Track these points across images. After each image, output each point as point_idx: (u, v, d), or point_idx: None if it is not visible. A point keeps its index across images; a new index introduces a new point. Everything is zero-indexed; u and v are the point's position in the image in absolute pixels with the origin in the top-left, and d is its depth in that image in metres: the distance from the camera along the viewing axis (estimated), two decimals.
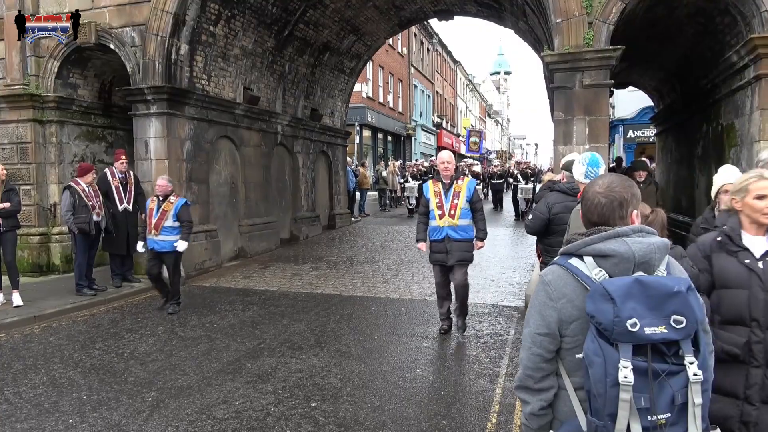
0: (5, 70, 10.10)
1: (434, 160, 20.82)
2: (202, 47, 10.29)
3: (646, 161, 8.42)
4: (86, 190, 8.09)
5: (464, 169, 21.93)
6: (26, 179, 9.92)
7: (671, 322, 1.53)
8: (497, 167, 23.09)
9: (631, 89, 16.44)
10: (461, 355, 5.68)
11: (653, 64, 11.76)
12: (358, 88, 21.81)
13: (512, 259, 11.24)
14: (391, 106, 31.86)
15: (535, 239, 6.30)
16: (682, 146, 11.65)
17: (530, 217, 5.02)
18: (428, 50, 39.72)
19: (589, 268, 1.66)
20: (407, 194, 20.09)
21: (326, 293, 8.53)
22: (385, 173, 21.68)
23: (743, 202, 2.69)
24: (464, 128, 45.96)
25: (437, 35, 40.52)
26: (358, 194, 19.53)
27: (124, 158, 8.80)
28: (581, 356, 1.62)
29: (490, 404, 4.51)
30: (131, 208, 8.79)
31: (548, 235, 4.85)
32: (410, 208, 19.39)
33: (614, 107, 21.02)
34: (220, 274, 10.16)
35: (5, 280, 7.59)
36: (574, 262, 1.71)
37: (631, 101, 20.63)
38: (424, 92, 38.68)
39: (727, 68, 7.86)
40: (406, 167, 23.40)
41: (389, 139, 33.19)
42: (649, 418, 1.52)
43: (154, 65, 9.44)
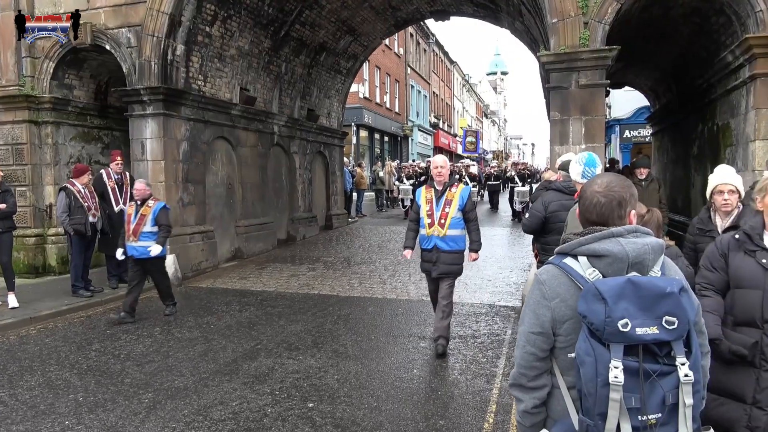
0: (0, 71, 10.06)
1: (431, 160, 20.27)
2: (198, 48, 10.27)
3: (648, 158, 8.26)
4: (82, 191, 8.08)
5: (461, 170, 21.92)
6: (22, 180, 9.89)
7: (663, 322, 1.53)
8: (494, 168, 23.04)
9: (627, 89, 16.47)
10: (458, 355, 5.68)
11: (649, 64, 11.79)
12: (354, 88, 21.82)
13: (509, 259, 11.25)
14: (387, 106, 31.88)
15: (531, 239, 6.33)
16: (678, 146, 11.68)
17: (527, 215, 5.06)
18: (425, 50, 39.75)
19: (583, 267, 1.67)
20: (401, 197, 19.38)
21: (323, 294, 8.52)
22: (382, 174, 21.69)
23: (764, 201, 2.66)
24: (461, 128, 46.03)
25: (434, 35, 40.56)
26: (355, 195, 19.51)
27: (119, 159, 8.79)
28: (574, 355, 1.63)
29: (487, 404, 4.52)
30: (127, 209, 8.75)
31: (545, 233, 4.88)
32: (406, 209, 18.64)
33: (610, 107, 21.06)
34: (216, 275, 10.14)
35: (1, 281, 7.57)
36: (568, 261, 1.71)
37: (627, 101, 20.67)
38: (420, 92, 38.71)
39: (722, 68, 7.89)
40: (401, 168, 22.85)
41: (386, 139, 33.20)
42: (639, 418, 1.53)
43: (150, 66, 9.42)
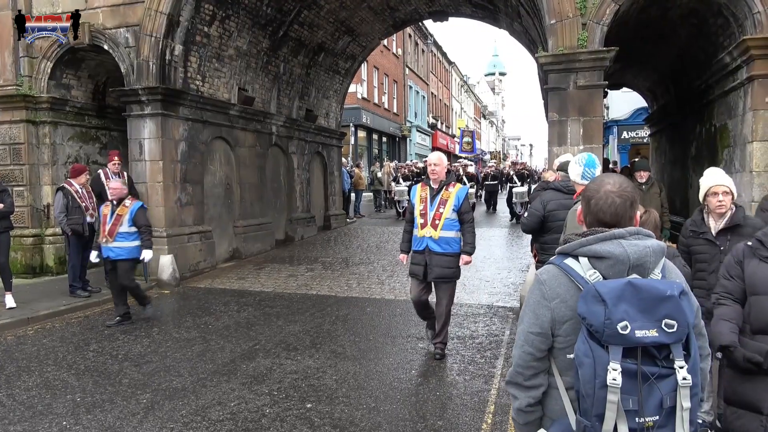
0: None
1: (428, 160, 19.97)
2: (196, 48, 10.26)
3: (646, 161, 7.86)
4: (79, 191, 8.06)
5: (458, 169, 21.87)
6: (19, 180, 9.87)
7: (663, 325, 1.53)
8: (491, 168, 22.91)
9: (625, 90, 16.51)
10: (456, 356, 5.68)
11: (647, 65, 11.82)
12: (353, 89, 21.80)
13: (507, 259, 11.26)
14: (386, 107, 31.88)
15: (529, 240, 6.33)
16: (675, 147, 11.70)
17: (526, 215, 5.06)
18: (423, 51, 39.77)
19: (583, 268, 1.66)
20: (397, 198, 18.61)
21: (321, 294, 8.52)
22: (380, 174, 21.67)
23: None
24: (459, 129, 46.08)
25: (432, 36, 40.58)
26: (353, 195, 19.51)
27: (117, 159, 8.76)
28: (572, 356, 1.63)
29: (485, 405, 4.52)
30: None
31: (543, 232, 4.89)
32: (400, 211, 18.03)
33: (608, 108, 21.10)
34: (214, 275, 10.13)
35: None
36: (569, 262, 1.71)
37: (625, 102, 20.73)
38: (419, 93, 38.73)
39: (720, 69, 7.91)
40: (398, 168, 22.45)
41: (384, 140, 33.20)
42: (637, 420, 1.53)
43: (148, 66, 9.41)
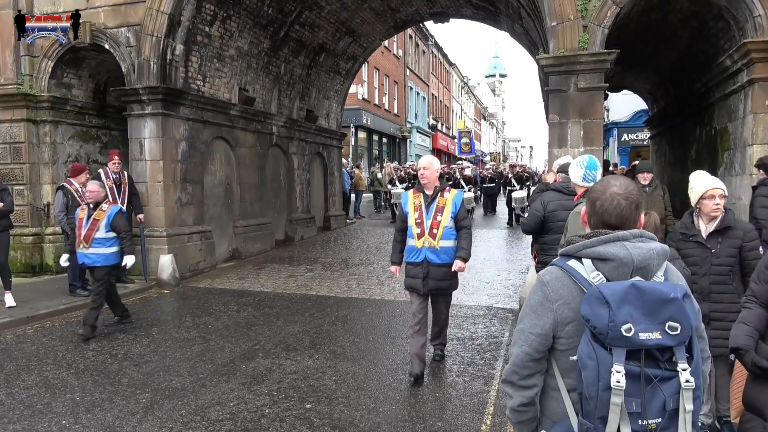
0: None
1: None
2: (197, 48, 10.27)
3: (650, 162, 7.48)
4: (80, 190, 8.07)
5: (455, 171, 21.64)
6: (19, 179, 9.87)
7: (666, 328, 1.53)
8: (489, 170, 22.58)
9: (625, 92, 16.53)
10: (456, 357, 5.68)
11: (647, 67, 11.83)
12: (353, 89, 21.82)
13: (507, 261, 11.26)
14: (386, 107, 31.89)
15: (530, 241, 6.32)
16: (676, 149, 11.72)
17: (526, 215, 5.05)
18: (424, 52, 39.79)
19: (587, 270, 1.66)
20: (393, 201, 17.49)
21: (321, 295, 8.52)
22: (380, 175, 21.65)
23: None
24: (458, 130, 46.13)
25: (433, 37, 40.60)
26: (353, 196, 19.51)
27: (117, 159, 8.78)
28: (575, 358, 1.63)
29: (484, 406, 4.52)
30: (125, 208, 8.74)
31: (543, 233, 4.87)
32: (397, 213, 17.29)
33: (608, 110, 21.11)
34: (214, 275, 10.13)
35: None
36: (572, 264, 1.71)
37: (625, 104, 20.73)
38: (419, 94, 38.74)
39: (720, 72, 7.92)
40: (394, 169, 21.64)
41: (384, 140, 33.21)
42: (639, 422, 1.53)
43: (149, 65, 9.41)
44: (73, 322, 7.16)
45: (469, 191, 18.85)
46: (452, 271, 4.95)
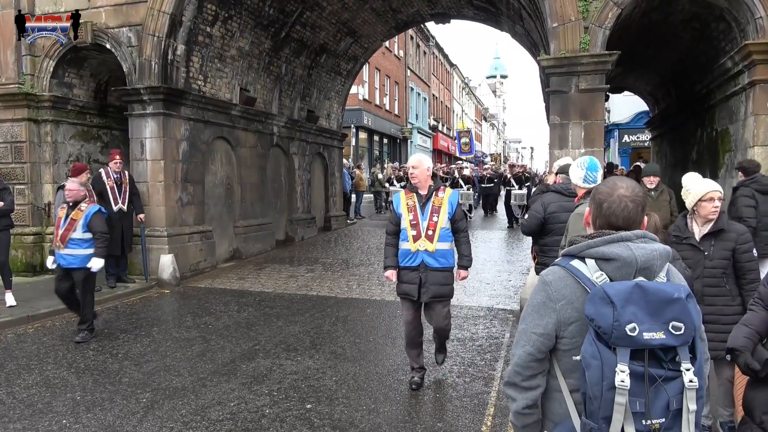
0: (0, 69, 10.05)
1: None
2: (198, 48, 10.28)
3: (657, 165, 7.02)
4: None
5: (453, 171, 21.52)
6: (20, 178, 9.87)
7: (670, 328, 1.54)
8: (488, 170, 22.23)
9: (626, 94, 16.53)
10: (456, 358, 5.68)
11: (649, 69, 11.83)
12: (354, 90, 21.81)
13: (507, 262, 11.26)
14: (387, 108, 31.90)
15: (530, 242, 6.32)
16: (677, 151, 11.72)
17: (526, 217, 5.04)
18: (425, 53, 39.81)
19: (590, 270, 1.67)
20: (391, 199, 16.96)
21: (322, 295, 8.52)
22: (381, 176, 21.67)
23: None
24: (457, 130, 46.08)
25: (434, 38, 40.62)
26: (353, 196, 19.51)
27: (118, 158, 8.78)
28: (578, 358, 1.63)
29: (485, 407, 4.52)
30: (126, 208, 8.77)
31: (543, 235, 4.86)
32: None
33: (609, 111, 21.10)
34: (215, 275, 10.13)
35: None
36: (575, 264, 1.71)
37: (626, 106, 20.72)
38: (420, 95, 38.76)
39: (721, 74, 7.92)
40: (393, 169, 21.61)
41: (385, 141, 33.23)
42: (643, 422, 1.53)
43: (150, 65, 9.42)
44: (74, 321, 7.12)
45: (468, 191, 18.82)
46: (452, 278, 4.73)
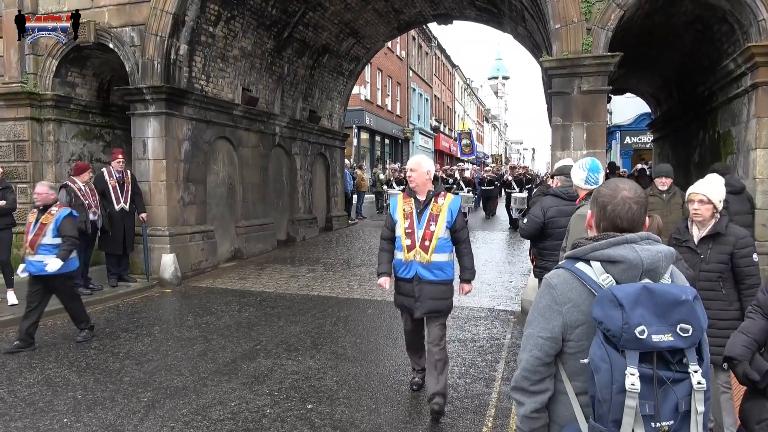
0: (3, 68, 10.08)
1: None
2: (201, 48, 10.29)
3: (670, 166, 6.47)
4: (83, 189, 8.08)
5: (454, 172, 21.35)
6: (23, 177, 9.89)
7: (678, 330, 1.54)
8: (488, 171, 21.80)
9: (628, 95, 16.51)
10: (457, 359, 5.67)
11: (651, 70, 11.82)
12: (356, 90, 21.82)
13: (509, 263, 11.25)
14: (389, 109, 31.91)
15: (529, 244, 6.29)
16: (679, 153, 11.70)
17: (525, 221, 5.01)
18: (427, 54, 39.81)
19: (596, 273, 1.67)
20: (388, 202, 17.02)
21: (323, 295, 8.52)
22: (382, 176, 21.67)
23: None
24: (458, 131, 46.09)
25: (436, 39, 40.63)
26: (355, 197, 19.51)
27: (121, 157, 8.80)
28: (586, 361, 1.63)
29: (486, 408, 4.52)
30: (128, 207, 8.78)
31: (543, 239, 4.83)
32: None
33: (611, 113, 21.11)
34: (216, 274, 10.14)
35: (0, 278, 7.56)
36: (580, 266, 1.71)
37: (628, 107, 20.73)
38: (422, 96, 38.76)
39: (724, 76, 7.91)
40: (392, 170, 21.13)
41: (387, 142, 33.23)
42: (652, 425, 1.53)
43: (153, 65, 9.43)
44: None
45: (467, 193, 18.71)
46: (451, 292, 4.34)
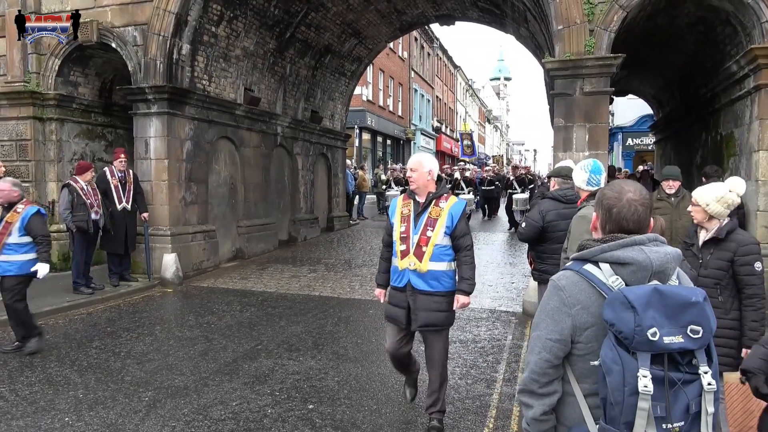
0: (6, 67, 10.09)
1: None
2: (203, 47, 10.30)
3: (677, 168, 6.05)
4: (85, 188, 8.09)
5: (455, 172, 21.23)
6: (25, 176, 9.89)
7: (688, 331, 1.54)
8: (489, 172, 21.60)
9: (630, 97, 16.51)
10: (459, 359, 5.67)
11: (653, 72, 11.81)
12: (358, 91, 21.81)
13: (510, 264, 11.24)
14: (390, 109, 31.91)
15: (527, 246, 6.26)
16: (681, 154, 11.69)
17: (523, 224, 4.92)
18: (429, 54, 39.81)
19: (605, 275, 1.66)
20: (387, 204, 16.63)
21: (324, 295, 8.52)
22: (384, 177, 21.67)
23: None
24: (459, 132, 46.10)
25: (438, 40, 40.63)
26: (356, 197, 19.52)
27: (123, 157, 8.81)
28: (596, 363, 1.62)
29: (487, 409, 4.52)
30: (130, 207, 8.79)
31: (541, 242, 4.79)
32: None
33: (613, 115, 21.08)
34: (217, 274, 10.15)
35: None
36: (589, 268, 1.71)
37: (630, 109, 20.73)
38: (424, 96, 38.75)
39: (727, 78, 7.90)
40: (391, 171, 20.99)
41: (388, 142, 33.24)
42: (664, 426, 1.53)
43: (155, 65, 9.44)
44: (76, 319, 7.18)
45: (468, 194, 18.62)
46: (449, 304, 3.88)
